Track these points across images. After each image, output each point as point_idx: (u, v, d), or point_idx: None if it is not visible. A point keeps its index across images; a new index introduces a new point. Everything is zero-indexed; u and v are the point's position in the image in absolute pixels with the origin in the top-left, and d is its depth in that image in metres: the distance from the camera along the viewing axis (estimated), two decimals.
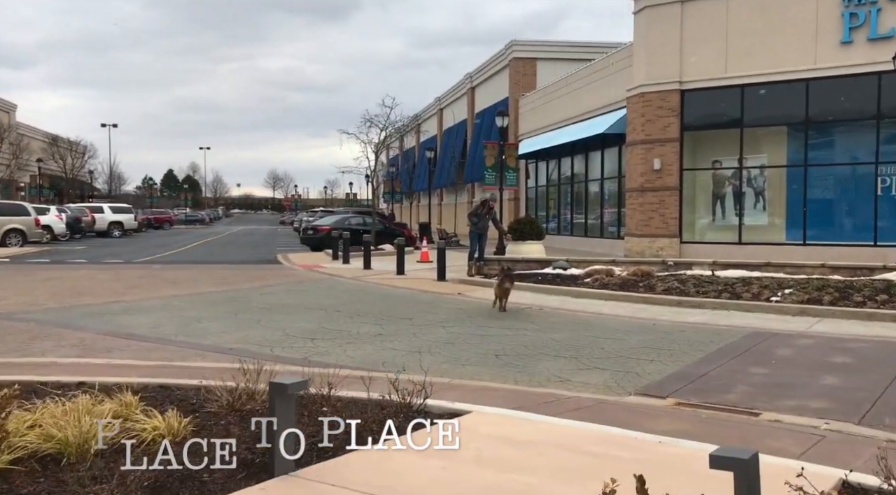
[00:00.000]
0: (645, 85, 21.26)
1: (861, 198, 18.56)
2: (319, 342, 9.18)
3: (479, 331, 9.92)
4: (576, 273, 14.54)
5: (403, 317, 11.20)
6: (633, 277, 13.65)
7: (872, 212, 18.16)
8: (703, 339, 9.15)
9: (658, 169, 21.03)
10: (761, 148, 20.19)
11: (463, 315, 11.36)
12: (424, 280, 16.38)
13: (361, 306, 12.36)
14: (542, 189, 32.59)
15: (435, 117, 52.85)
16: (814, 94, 18.80)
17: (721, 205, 20.84)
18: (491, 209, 17.04)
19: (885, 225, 18.03)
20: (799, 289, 11.43)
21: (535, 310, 11.87)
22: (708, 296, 11.84)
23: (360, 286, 15.61)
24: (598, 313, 11.47)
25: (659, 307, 11.81)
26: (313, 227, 28.49)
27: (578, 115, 27.38)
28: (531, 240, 16.56)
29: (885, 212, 18.08)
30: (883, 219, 18.05)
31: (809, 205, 19.17)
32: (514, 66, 35.13)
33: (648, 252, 21.16)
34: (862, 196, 18.52)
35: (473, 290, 14.36)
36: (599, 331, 9.88)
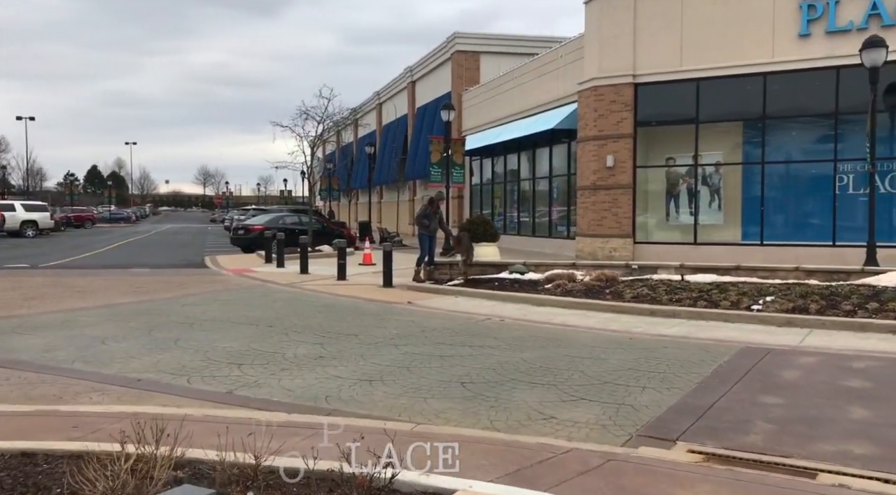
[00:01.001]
0: (597, 78, 20.33)
1: (819, 197, 18.04)
2: (248, 368, 7.70)
3: (439, 350, 8.60)
4: (535, 278, 13.38)
5: (348, 333, 9.78)
6: (597, 283, 12.57)
7: (831, 212, 17.65)
8: (691, 357, 8.07)
9: (611, 166, 20.13)
10: (717, 144, 19.52)
11: (416, 329, 10.01)
12: (369, 286, 14.95)
13: (298, 320, 10.87)
14: (488, 187, 31.49)
15: (374, 112, 51.24)
16: (771, 89, 18.18)
17: (675, 204, 20.09)
18: (438, 208, 15.78)
19: (844, 225, 17.54)
20: (781, 296, 10.53)
21: (496, 322, 10.63)
22: (682, 304, 10.83)
23: (297, 294, 14.08)
24: (566, 325, 10.30)
25: (630, 317, 10.74)
26: (244, 227, 26.61)
27: (526, 110, 26.34)
28: (485, 242, 15.33)
29: (843, 212, 17.60)
30: (841, 218, 17.55)
31: (767, 205, 18.58)
32: (457, 59, 33.91)
33: (601, 253, 20.25)
34: (820, 195, 18.00)
35: (425, 298, 13.02)
36: (572, 347, 8.69)
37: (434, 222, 15.26)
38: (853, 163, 17.39)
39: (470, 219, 15.68)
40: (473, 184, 32.56)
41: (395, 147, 42.60)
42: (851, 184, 17.49)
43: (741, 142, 19.19)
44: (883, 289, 10.50)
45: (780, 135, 18.56)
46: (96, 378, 7.33)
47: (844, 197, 17.58)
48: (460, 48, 33.71)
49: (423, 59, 39.34)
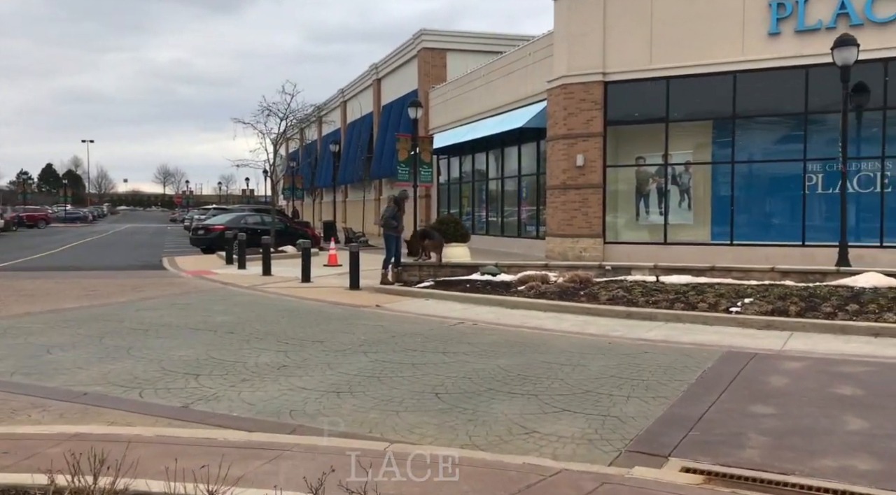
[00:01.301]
0: (567, 75, 20.05)
1: (789, 196, 18.00)
2: (206, 379, 7.16)
3: (410, 357, 8.15)
4: (507, 279, 13.00)
5: (314, 339, 9.27)
6: (571, 284, 12.24)
7: (800, 212, 17.61)
8: (673, 363, 7.75)
9: (581, 165, 19.87)
10: (687, 144, 19.39)
11: (386, 335, 9.54)
12: (335, 289, 14.42)
13: (261, 325, 10.31)
14: (455, 186, 31.10)
15: (338, 110, 50.47)
16: (741, 88, 18.09)
17: (645, 204, 19.92)
18: (403, 208, 15.35)
19: (813, 224, 17.53)
20: (759, 297, 10.30)
21: (469, 326, 10.21)
22: (659, 306, 10.54)
23: (259, 298, 13.49)
24: (542, 329, 9.93)
25: (607, 320, 10.41)
26: (205, 227, 25.79)
27: (494, 109, 26.01)
28: (456, 243, 14.90)
29: (812, 212, 17.58)
30: (811, 218, 17.53)
31: (736, 204, 18.48)
32: (424, 56, 33.44)
33: (571, 253, 19.99)
34: (790, 194, 17.96)
35: (394, 301, 12.56)
36: (550, 353, 8.32)
37: (400, 221, 14.82)
38: (822, 163, 17.39)
39: (440, 219, 15.24)
40: (441, 183, 32.12)
41: (361, 145, 41.95)
42: (821, 183, 17.47)
43: (711, 141, 19.08)
44: (861, 290, 10.34)
45: (750, 135, 18.49)
46: (38, 392, 6.73)
47: (814, 196, 17.56)
48: (427, 45, 33.25)
49: (388, 56, 38.78)
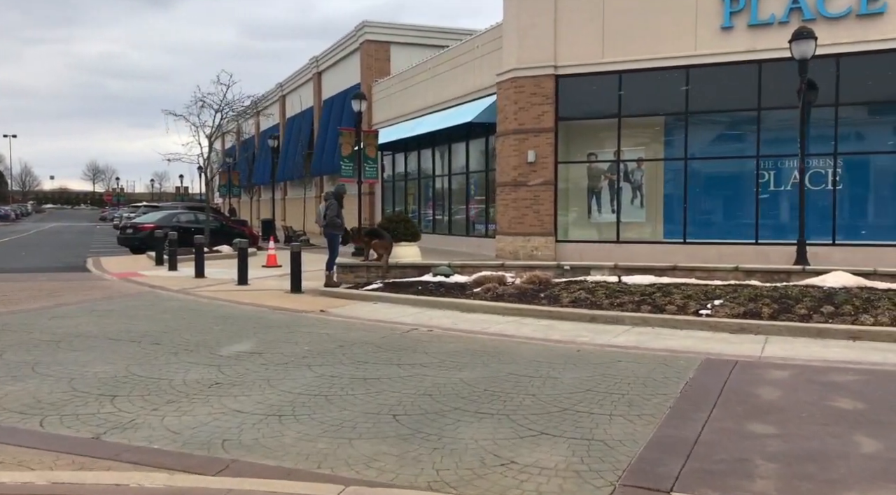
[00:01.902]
0: (517, 68, 19.41)
1: (742, 194, 17.78)
2: (124, 402, 6.14)
3: (362, 370, 7.27)
4: (462, 281, 12.22)
5: (251, 350, 8.28)
6: (529, 286, 11.54)
7: (753, 209, 17.41)
8: (651, 374, 7.09)
9: (532, 161, 19.27)
10: (639, 140, 19.00)
11: (333, 344, 8.63)
12: (274, 292, 13.38)
13: (191, 334, 9.25)
14: (400, 183, 30.19)
15: (277, 104, 48.89)
16: (694, 83, 17.78)
17: (597, 202, 19.45)
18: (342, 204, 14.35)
19: (766, 222, 17.35)
20: (729, 299, 9.79)
21: (424, 333, 9.38)
22: (625, 309, 9.93)
23: (190, 303, 12.34)
24: (503, 335, 9.18)
25: (570, 324, 9.73)
26: (133, 225, 24.21)
27: (441, 103, 25.23)
28: (406, 242, 14.02)
29: (765, 209, 17.39)
30: (764, 216, 17.34)
31: (689, 202, 18.17)
32: (367, 49, 32.40)
33: (522, 252, 19.38)
34: (743, 192, 17.74)
35: (341, 305, 11.62)
36: (517, 364, 7.56)
37: (342, 218, 13.82)
38: (775, 160, 17.21)
39: (388, 217, 14.33)
40: (385, 180, 31.16)
41: (301, 141, 40.58)
42: (773, 180, 17.30)
43: (664, 137, 18.74)
44: (832, 290, 9.95)
45: (703, 131, 18.22)
46: None
47: (767, 194, 17.37)
48: (370, 38, 32.22)
49: (330, 48, 37.56)
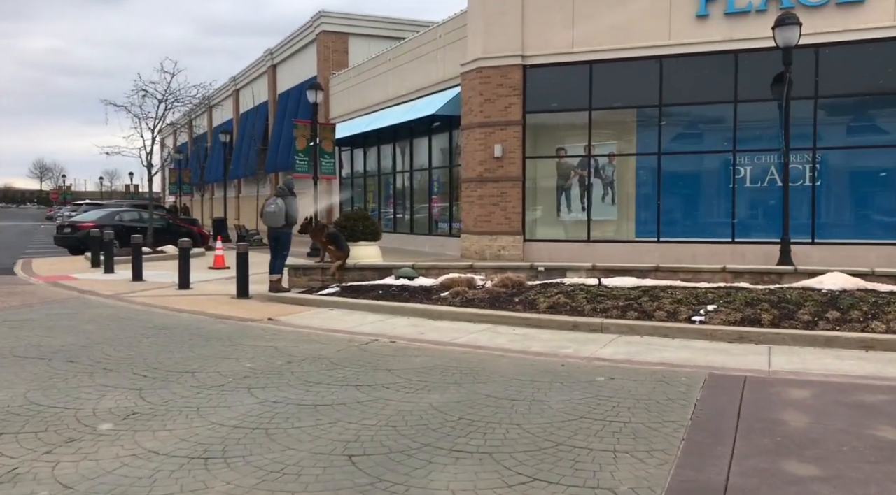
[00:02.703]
0: (482, 58, 18.39)
1: (718, 190, 17.04)
2: (10, 444, 4.91)
3: (312, 394, 6.12)
4: (427, 284, 11.11)
5: (183, 368, 7.05)
6: (502, 289, 10.49)
7: (730, 207, 16.67)
8: (651, 394, 6.10)
9: (499, 156, 18.26)
10: (611, 133, 18.14)
11: (280, 360, 7.44)
12: (219, 297, 12.09)
13: (115, 349, 7.96)
14: (360, 180, 28.92)
15: (231, 99, 47.12)
16: (668, 74, 16.98)
17: (567, 199, 18.53)
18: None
19: (742, 220, 16.64)
20: (723, 304, 8.88)
21: (386, 344, 8.24)
22: (610, 315, 8.94)
23: (122, 310, 10.97)
24: (476, 346, 8.10)
25: (551, 333, 8.71)
26: (72, 224, 22.51)
27: (403, 96, 24.09)
28: (365, 242, 12.85)
29: (741, 206, 16.67)
30: (740, 213, 16.61)
31: (663, 199, 17.37)
32: (324, 40, 31.06)
33: (489, 252, 18.37)
34: (719, 188, 17.00)
35: (292, 312, 10.41)
36: (494, 383, 6.49)
37: (293, 211, 12.44)
38: (751, 155, 16.50)
39: (346, 215, 13.14)
40: (344, 177, 29.89)
41: (255, 136, 38.98)
42: (749, 176, 16.58)
43: (636, 131, 17.90)
44: (832, 293, 9.11)
45: (677, 124, 17.43)
46: None
47: (743, 191, 16.65)
48: (327, 28, 30.89)
49: (285, 40, 36.06)
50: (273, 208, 11.90)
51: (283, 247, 12.22)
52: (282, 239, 12.22)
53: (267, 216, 12.00)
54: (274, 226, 12.05)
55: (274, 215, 11.91)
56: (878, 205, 15.74)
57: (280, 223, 11.98)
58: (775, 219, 16.23)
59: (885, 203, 15.57)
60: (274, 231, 12.13)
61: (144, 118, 19.95)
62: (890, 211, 15.46)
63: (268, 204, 12.14)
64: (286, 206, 11.95)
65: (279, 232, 12.14)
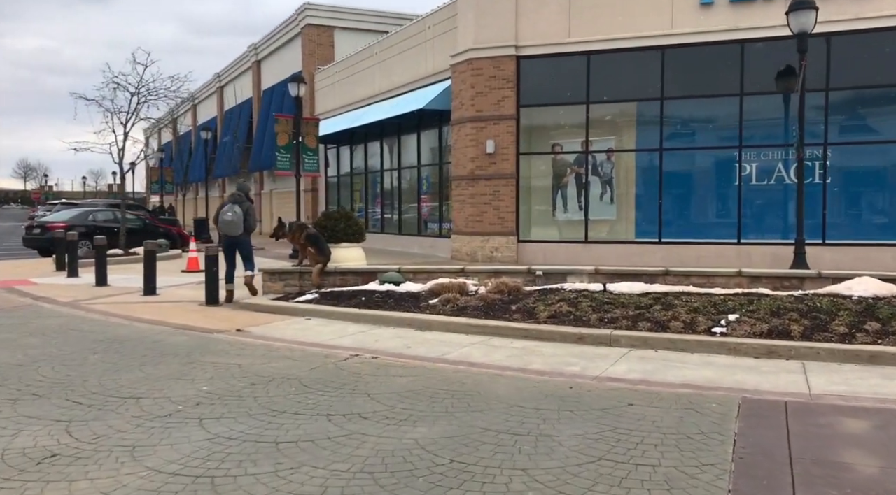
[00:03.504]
0: (474, 49, 17.41)
1: (723, 188, 16.12)
2: None
3: (275, 427, 5.11)
4: (415, 289, 10.10)
5: (127, 393, 6.02)
6: (497, 295, 9.51)
7: (735, 205, 15.76)
8: (680, 426, 5.12)
9: (492, 152, 17.28)
10: (609, 128, 17.18)
11: (243, 381, 6.42)
12: (186, 305, 11.04)
13: (54, 368, 6.91)
14: (345, 179, 27.87)
15: (214, 97, 45.93)
16: (670, 65, 16.05)
17: (563, 198, 17.56)
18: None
19: (748, 219, 15.73)
20: (746, 313, 7.93)
21: (367, 361, 7.23)
22: (619, 325, 7.98)
23: (76, 320, 9.89)
24: (469, 363, 7.11)
25: (553, 346, 7.73)
26: (41, 225, 21.35)
27: (390, 90, 23.07)
28: (347, 243, 11.82)
29: (747, 205, 15.77)
30: (746, 212, 15.71)
31: (665, 198, 16.43)
32: (308, 34, 30.00)
33: (481, 253, 17.39)
34: (724, 186, 16.08)
35: (265, 322, 9.37)
36: (493, 412, 5.51)
37: (253, 217, 11.62)
38: (757, 151, 15.60)
39: (327, 213, 12.10)
40: (329, 176, 28.83)
41: (239, 134, 37.85)
42: (755, 174, 15.67)
43: (636, 125, 16.95)
44: (865, 301, 8.19)
45: (680, 119, 16.49)
46: None
47: (748, 188, 15.74)
48: (312, 22, 29.84)
49: (269, 34, 34.96)
50: (230, 216, 11.04)
51: (246, 249, 11.40)
52: (243, 244, 11.37)
53: (223, 224, 11.14)
54: (231, 234, 11.21)
55: (231, 224, 11.06)
56: (892, 204, 14.87)
57: (238, 232, 11.16)
58: (783, 219, 15.37)
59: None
60: (231, 238, 11.23)
61: (116, 113, 18.84)
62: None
63: (224, 212, 11.23)
64: (244, 213, 11.12)
65: (238, 239, 11.27)
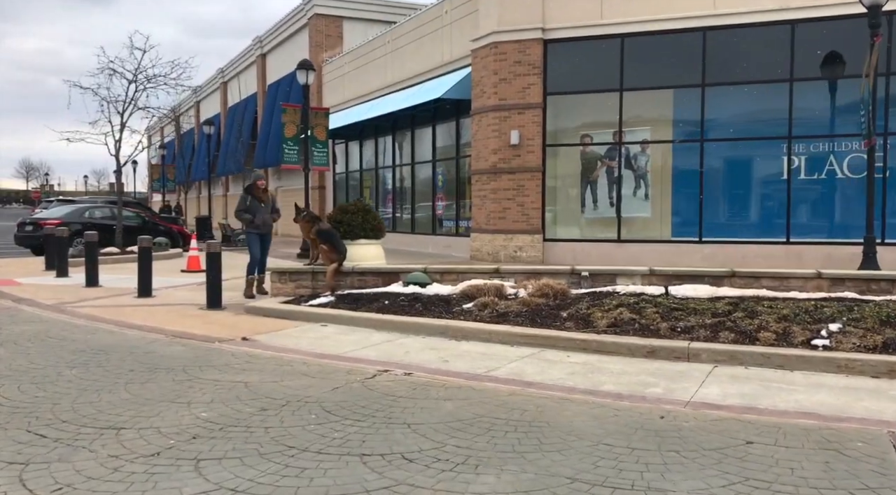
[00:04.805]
0: (498, 32, 16.17)
1: (770, 183, 14.84)
2: None
3: (293, 472, 3.86)
4: (444, 292, 8.85)
5: (104, 421, 4.78)
6: (541, 299, 8.26)
7: (784, 201, 14.49)
8: (830, 476, 3.88)
9: (516, 144, 16.04)
10: (645, 118, 15.91)
11: (252, 405, 5.17)
12: (184, 308, 9.79)
13: (19, 387, 5.67)
14: (355, 175, 26.64)
15: (218, 93, 44.75)
16: (712, 49, 14.80)
17: (593, 193, 16.30)
18: (265, 193, 11.17)
19: (799, 217, 14.45)
20: (850, 322, 6.69)
21: (399, 379, 5.98)
22: (696, 336, 6.72)
23: (57, 325, 8.63)
24: (523, 382, 5.85)
25: (619, 361, 6.47)
26: (34, 222, 20.14)
27: (403, 81, 21.84)
28: (366, 240, 10.56)
29: (797, 201, 14.50)
30: (796, 209, 14.43)
31: (706, 193, 15.15)
32: (316, 24, 28.79)
33: (503, 253, 16.14)
34: (771, 180, 14.81)
35: (274, 328, 8.12)
36: (572, 451, 4.25)
37: (263, 213, 10.75)
38: (808, 142, 14.32)
39: (342, 206, 10.81)
40: (338, 172, 27.61)
41: (243, 131, 36.64)
42: (805, 167, 14.40)
43: (673, 115, 15.67)
44: None
45: (722, 107, 15.18)
46: None
47: (798, 183, 14.47)
48: (320, 11, 28.62)
49: (275, 26, 33.75)
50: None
51: (251, 248, 10.87)
52: (246, 239, 11.08)
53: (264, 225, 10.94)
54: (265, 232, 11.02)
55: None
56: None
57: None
58: (836, 216, 14.12)
59: None
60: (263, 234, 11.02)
61: (113, 101, 17.62)
62: None
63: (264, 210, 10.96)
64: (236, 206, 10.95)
65: (246, 232, 11.02)
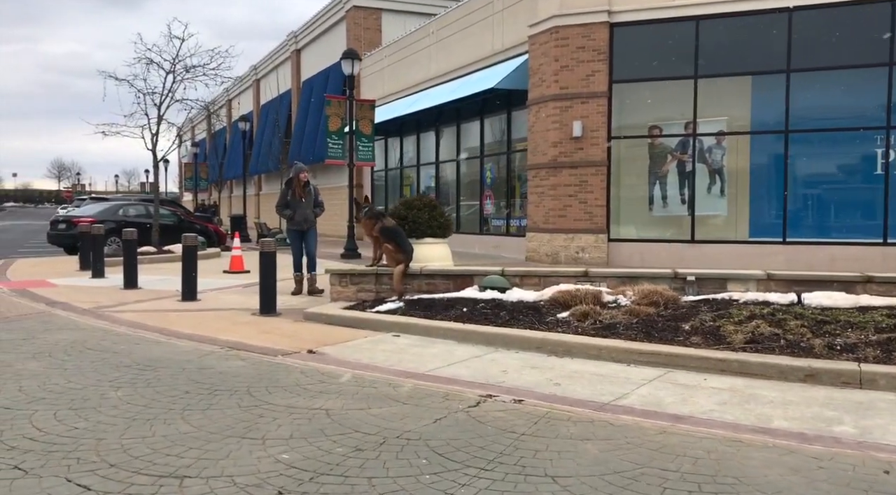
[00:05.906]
0: (559, 16, 15.01)
1: (863, 177, 13.51)
2: None
3: None
4: (529, 299, 7.74)
5: (162, 466, 3.71)
6: (650, 308, 7.12)
7: (880, 198, 13.16)
8: None
9: (579, 136, 14.87)
10: (721, 107, 14.65)
11: (339, 443, 4.08)
12: (234, 313, 8.79)
13: (55, 415, 4.65)
14: (395, 172, 25.62)
15: (251, 91, 44.06)
16: (798, 31, 13.51)
17: (662, 189, 15.07)
18: (306, 187, 10.57)
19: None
20: None
21: (510, 408, 4.85)
22: (861, 356, 5.54)
23: (95, 334, 7.63)
24: (670, 416, 4.70)
25: (775, 388, 5.30)
26: (67, 220, 19.41)
27: (449, 73, 20.75)
28: (432, 238, 9.46)
29: (894, 198, 13.14)
30: (894, 207, 13.09)
31: (790, 189, 13.86)
32: (354, 16, 27.84)
33: (564, 254, 14.99)
34: (864, 175, 13.48)
35: (342, 340, 7.05)
36: None
37: (304, 209, 10.23)
38: None
39: (406, 202, 9.70)
40: (375, 170, 26.61)
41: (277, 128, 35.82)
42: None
43: (752, 104, 14.39)
44: None
45: (809, 95, 13.86)
46: None
47: (894, 177, 13.13)
48: (358, 3, 27.66)
49: (311, 20, 32.86)
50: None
51: (312, 244, 10.66)
52: (289, 236, 10.94)
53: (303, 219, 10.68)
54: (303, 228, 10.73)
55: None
56: None
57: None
58: None
59: None
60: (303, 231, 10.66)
61: (150, 93, 16.77)
62: None
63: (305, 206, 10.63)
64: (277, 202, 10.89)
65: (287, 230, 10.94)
